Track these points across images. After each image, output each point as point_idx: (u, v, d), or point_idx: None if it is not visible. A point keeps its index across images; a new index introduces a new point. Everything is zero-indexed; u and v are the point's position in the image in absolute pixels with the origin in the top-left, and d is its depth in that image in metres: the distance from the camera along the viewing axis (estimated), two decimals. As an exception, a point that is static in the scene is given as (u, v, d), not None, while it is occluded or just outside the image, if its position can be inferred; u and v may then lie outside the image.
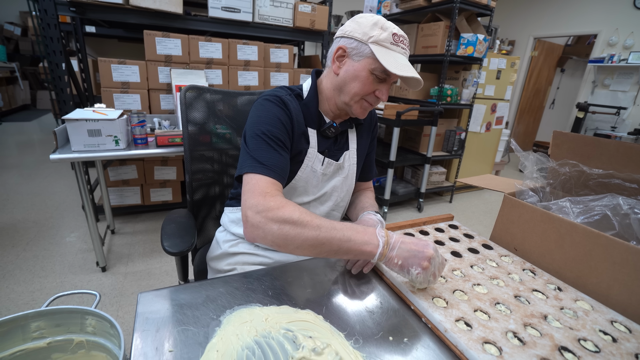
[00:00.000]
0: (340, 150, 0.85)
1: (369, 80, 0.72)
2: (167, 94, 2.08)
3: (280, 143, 0.71)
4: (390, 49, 0.70)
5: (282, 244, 0.60)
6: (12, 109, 5.49)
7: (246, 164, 0.68)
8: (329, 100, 0.80)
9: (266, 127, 0.71)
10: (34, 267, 1.75)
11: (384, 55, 0.69)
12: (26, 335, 0.51)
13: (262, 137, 0.70)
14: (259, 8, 2.15)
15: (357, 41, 0.71)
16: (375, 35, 0.70)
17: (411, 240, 0.60)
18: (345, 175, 0.86)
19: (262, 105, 0.74)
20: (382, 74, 0.71)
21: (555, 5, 4.98)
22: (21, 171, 3.07)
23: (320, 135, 0.81)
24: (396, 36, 0.71)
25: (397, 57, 0.70)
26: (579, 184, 0.78)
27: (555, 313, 0.57)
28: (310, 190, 0.82)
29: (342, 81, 0.75)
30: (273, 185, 0.66)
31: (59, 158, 1.39)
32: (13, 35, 5.74)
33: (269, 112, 0.73)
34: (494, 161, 3.58)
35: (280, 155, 0.70)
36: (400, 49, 0.72)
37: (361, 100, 0.75)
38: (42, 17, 1.68)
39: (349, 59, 0.73)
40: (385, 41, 0.70)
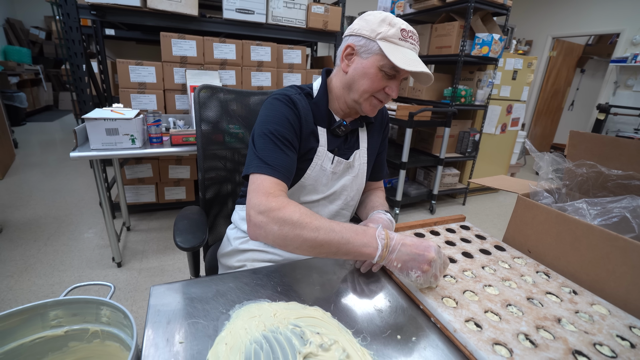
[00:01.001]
0: (351, 149, 0.85)
1: (378, 77, 0.72)
2: (182, 94, 2.12)
3: (287, 143, 0.72)
4: (398, 44, 0.70)
5: (282, 244, 0.61)
6: (36, 109, 5.71)
7: (253, 164, 0.69)
8: (338, 99, 0.81)
9: (274, 127, 0.71)
10: (54, 261, 1.81)
11: (392, 51, 0.68)
12: (45, 323, 0.53)
13: (270, 137, 0.70)
14: (272, 9, 2.18)
15: (365, 38, 0.71)
16: (383, 32, 0.69)
17: (412, 242, 0.59)
18: (355, 174, 0.86)
19: (272, 105, 0.75)
20: (391, 70, 0.71)
21: (575, 4, 4.84)
22: (43, 169, 3.19)
23: (330, 134, 0.82)
24: (405, 31, 0.70)
25: (406, 53, 0.70)
26: (597, 185, 0.75)
27: (569, 316, 0.55)
28: (319, 188, 0.83)
29: (351, 79, 0.75)
30: (277, 185, 0.66)
31: (79, 156, 1.44)
32: (38, 39, 5.98)
33: (278, 112, 0.73)
34: (509, 163, 3.50)
35: (287, 155, 0.71)
36: (409, 44, 0.71)
37: (370, 98, 0.75)
38: (65, 20, 1.75)
39: (357, 57, 0.73)
40: (393, 37, 0.69)
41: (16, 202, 2.44)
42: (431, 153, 2.92)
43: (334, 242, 0.59)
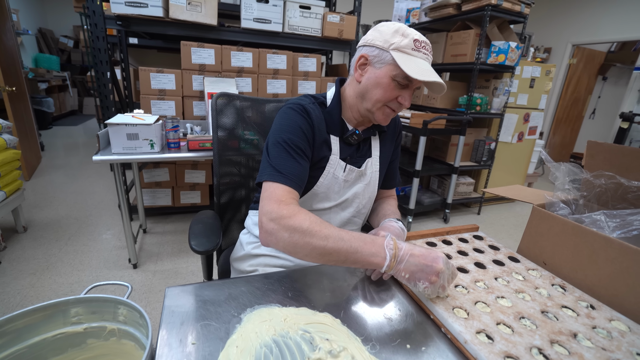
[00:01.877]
0: (363, 157, 0.86)
1: (391, 86, 0.73)
2: (199, 101, 2.19)
3: (300, 152, 0.73)
4: (411, 54, 0.71)
5: (292, 251, 0.62)
6: (62, 114, 5.98)
7: (266, 172, 0.71)
8: (352, 108, 0.82)
9: (287, 136, 0.73)
10: (74, 260, 1.87)
11: (405, 61, 0.69)
12: (66, 320, 0.55)
13: (283, 145, 0.72)
14: (289, 19, 2.22)
15: (378, 49, 0.72)
16: (396, 42, 0.70)
17: (421, 253, 0.59)
18: (367, 182, 0.87)
19: (286, 114, 0.77)
20: (403, 80, 0.72)
21: (596, 10, 4.73)
22: (67, 171, 3.33)
23: (343, 143, 0.83)
24: (417, 42, 0.71)
25: (419, 63, 0.71)
26: (616, 197, 0.73)
27: (586, 332, 0.54)
28: (331, 196, 0.83)
29: (364, 88, 0.76)
30: (289, 193, 0.68)
31: (101, 159, 1.50)
32: (66, 47, 6.28)
33: (292, 121, 0.75)
34: (526, 173, 3.41)
35: (299, 163, 0.72)
36: (422, 54, 0.72)
37: (383, 107, 0.76)
38: (93, 30, 1.84)
39: (370, 67, 0.75)
40: (406, 47, 0.70)
41: (41, 203, 2.55)
42: (445, 161, 2.89)
43: (343, 250, 0.59)
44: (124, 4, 1.83)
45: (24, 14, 5.39)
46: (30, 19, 5.69)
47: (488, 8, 2.31)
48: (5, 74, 2.64)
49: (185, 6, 1.93)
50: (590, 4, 4.80)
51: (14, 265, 1.78)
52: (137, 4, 1.84)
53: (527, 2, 2.46)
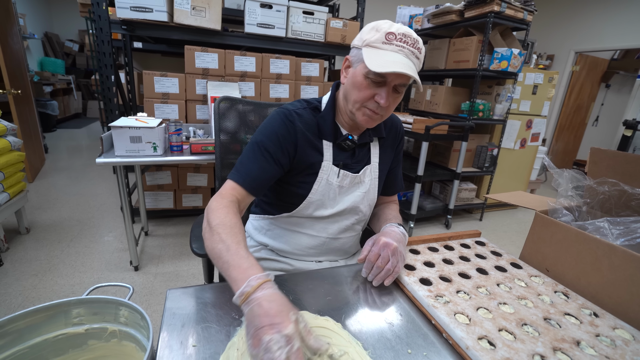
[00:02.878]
0: (359, 163, 0.84)
1: (364, 84, 0.70)
2: (202, 105, 2.20)
3: (267, 155, 0.74)
4: (381, 48, 0.67)
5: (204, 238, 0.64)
6: (66, 116, 6.02)
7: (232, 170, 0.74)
8: (343, 112, 0.80)
9: (261, 138, 0.75)
10: (76, 262, 1.88)
11: (372, 56, 0.67)
12: (68, 321, 0.55)
13: (253, 146, 0.75)
14: (292, 24, 2.24)
15: (356, 49, 0.72)
16: (368, 38, 0.69)
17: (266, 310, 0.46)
18: (365, 190, 0.85)
19: (271, 117, 0.78)
20: (375, 76, 0.68)
21: (600, 18, 4.75)
22: (70, 173, 3.35)
23: (337, 148, 0.81)
24: (391, 34, 0.67)
25: (388, 56, 0.66)
26: (620, 204, 0.73)
27: (589, 340, 0.53)
28: (327, 203, 0.82)
29: (346, 90, 0.76)
30: (233, 190, 0.71)
31: (104, 162, 1.51)
32: (72, 51, 6.35)
33: (271, 125, 0.76)
34: (528, 179, 3.40)
35: (260, 166, 0.73)
36: (394, 47, 0.67)
37: (362, 108, 0.73)
38: (98, 34, 1.86)
39: (351, 68, 0.74)
40: (376, 42, 0.67)
41: (44, 204, 2.56)
42: (447, 167, 2.88)
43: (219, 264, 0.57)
44: (129, 9, 1.85)
45: (31, 18, 5.46)
46: (36, 23, 5.77)
47: (491, 15, 2.33)
48: (11, 77, 2.67)
49: (190, 11, 1.95)
50: (593, 12, 4.82)
51: (17, 266, 1.79)
52: (142, 9, 1.87)
53: (529, 9, 2.48)
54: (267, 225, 0.90)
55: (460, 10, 2.56)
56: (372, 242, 0.71)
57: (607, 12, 4.65)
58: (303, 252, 0.87)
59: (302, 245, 0.86)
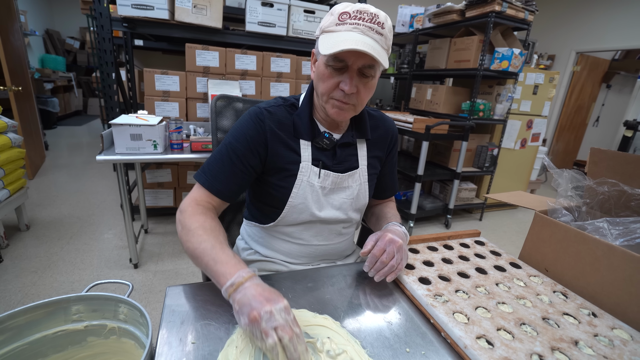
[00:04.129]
0: (342, 164, 0.78)
1: (327, 74, 0.65)
2: (203, 103, 2.20)
3: (237, 159, 0.71)
4: (334, 31, 0.62)
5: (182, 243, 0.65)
6: (67, 114, 6.02)
7: (200, 169, 0.73)
8: (318, 109, 0.75)
9: (230, 140, 0.72)
10: (75, 259, 1.88)
11: (325, 41, 0.62)
12: (67, 317, 0.55)
13: (223, 149, 0.72)
14: (293, 23, 2.24)
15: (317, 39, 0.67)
16: (323, 25, 0.65)
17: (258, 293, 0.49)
18: (352, 195, 0.80)
19: (242, 117, 0.75)
20: (335, 62, 0.63)
21: (601, 19, 4.74)
22: (70, 171, 3.35)
23: (315, 148, 0.76)
24: (344, 14, 0.61)
25: (340, 36, 0.61)
26: (619, 205, 0.73)
27: (587, 339, 0.53)
28: (311, 205, 0.76)
29: (315, 84, 0.71)
30: (208, 197, 0.70)
31: (104, 159, 1.51)
32: (73, 48, 6.35)
33: (240, 126, 0.73)
34: (529, 179, 3.40)
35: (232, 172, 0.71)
36: (347, 26, 0.61)
37: (330, 100, 0.68)
38: (99, 32, 1.86)
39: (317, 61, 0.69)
40: (330, 26, 0.63)
41: (44, 201, 2.56)
42: (448, 167, 2.88)
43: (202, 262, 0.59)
44: (130, 7, 1.85)
45: (32, 15, 5.45)
46: (37, 20, 5.76)
47: (492, 15, 2.32)
48: (12, 74, 2.67)
49: (191, 9, 1.95)
50: (594, 12, 4.81)
51: (16, 263, 1.79)
52: (143, 7, 1.87)
53: (531, 9, 2.47)
54: (258, 232, 0.87)
55: (461, 10, 2.55)
56: (376, 238, 0.69)
57: (609, 13, 4.64)
58: (296, 259, 0.85)
59: (294, 253, 0.84)
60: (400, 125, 2.67)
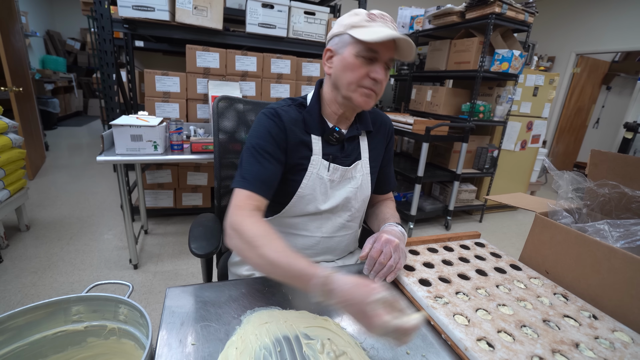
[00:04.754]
0: (348, 157, 0.84)
1: (357, 64, 0.71)
2: (203, 104, 2.20)
3: (268, 155, 0.74)
4: (366, 26, 0.70)
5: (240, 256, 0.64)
6: (67, 114, 6.02)
7: (235, 179, 0.74)
8: (330, 104, 0.80)
9: (256, 141, 0.75)
10: (75, 260, 1.88)
11: (362, 33, 0.69)
12: (67, 318, 0.55)
13: (251, 151, 0.74)
14: (293, 24, 2.24)
15: (337, 36, 0.73)
16: (349, 22, 0.71)
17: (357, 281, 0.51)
18: (357, 185, 0.84)
19: (258, 120, 0.79)
20: (368, 53, 0.69)
21: (601, 20, 4.75)
22: (70, 171, 3.35)
23: (325, 142, 0.81)
24: (371, 14, 0.70)
25: (376, 29, 0.69)
26: (620, 207, 0.73)
27: (588, 342, 0.53)
28: (318, 197, 0.81)
29: (335, 77, 0.75)
30: (249, 198, 0.70)
31: (105, 160, 1.51)
32: (73, 49, 6.36)
33: (261, 126, 0.77)
34: (528, 181, 3.40)
35: (265, 167, 0.73)
36: (379, 22, 0.70)
37: (359, 88, 0.73)
38: (100, 33, 1.86)
39: (336, 56, 0.75)
40: (360, 22, 0.70)
41: (44, 202, 2.56)
42: (447, 168, 2.88)
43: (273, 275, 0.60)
44: (131, 8, 1.85)
45: (33, 16, 5.47)
46: (38, 21, 5.77)
47: (492, 16, 2.33)
48: (13, 75, 2.67)
49: (192, 10, 1.95)
50: (594, 14, 4.82)
51: (16, 263, 1.79)
52: (144, 8, 1.87)
53: (531, 11, 2.48)
54: None
55: (461, 12, 2.56)
56: (373, 240, 0.71)
57: (608, 14, 4.65)
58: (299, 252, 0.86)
59: (297, 247, 0.85)
60: (401, 127, 2.68)
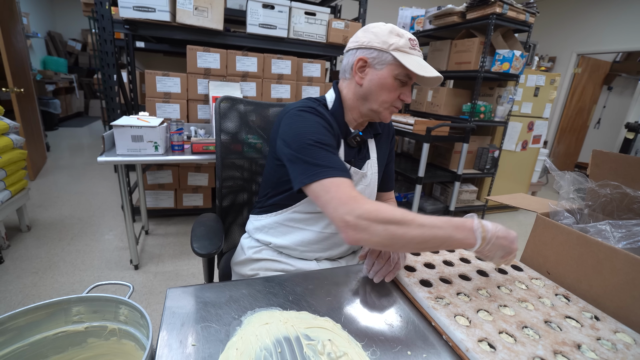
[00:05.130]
0: (363, 159, 0.87)
1: (394, 85, 0.75)
2: (204, 104, 2.20)
3: (333, 149, 0.71)
4: (409, 53, 0.73)
5: (388, 244, 0.60)
6: (68, 115, 6.04)
7: (313, 171, 0.66)
8: (352, 110, 0.82)
9: (316, 137, 0.70)
10: (76, 260, 1.88)
11: (408, 61, 0.71)
12: (68, 319, 0.55)
13: (317, 146, 0.69)
14: (294, 25, 2.25)
15: (377, 50, 0.73)
16: (394, 43, 0.72)
17: (504, 235, 0.62)
18: (367, 183, 0.87)
19: (301, 117, 0.74)
20: (405, 77, 0.74)
21: (601, 20, 4.74)
22: (71, 172, 3.35)
23: (347, 145, 0.83)
24: (412, 41, 0.74)
25: (418, 60, 0.74)
26: (622, 207, 0.73)
27: (590, 343, 0.53)
28: None
29: (367, 90, 0.76)
30: (351, 186, 0.64)
31: (106, 160, 1.51)
32: (74, 50, 6.37)
33: (312, 122, 0.73)
34: (530, 182, 3.40)
35: (338, 157, 0.71)
36: (417, 51, 0.75)
37: (390, 107, 0.78)
38: (101, 34, 1.86)
39: (370, 69, 0.75)
40: (404, 47, 0.73)
41: (45, 202, 2.56)
42: (448, 169, 2.88)
43: (439, 237, 0.59)
44: (132, 9, 1.86)
45: (34, 17, 5.48)
46: (40, 22, 5.78)
47: (493, 17, 2.33)
48: (14, 76, 2.68)
49: (192, 11, 1.96)
50: (595, 14, 4.82)
51: (17, 263, 1.79)
52: (144, 9, 1.87)
53: (531, 11, 2.48)
54: (270, 224, 0.89)
55: (462, 12, 2.56)
56: None
57: (609, 14, 4.64)
58: (306, 247, 0.87)
59: (306, 241, 0.86)
60: (401, 127, 2.67)
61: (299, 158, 0.69)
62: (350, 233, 0.60)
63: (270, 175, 0.87)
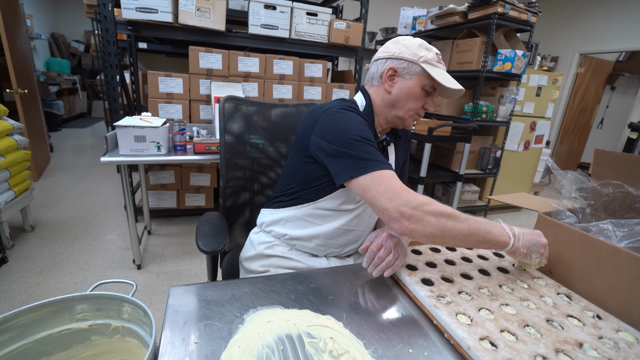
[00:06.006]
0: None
1: (421, 95, 0.80)
2: (206, 105, 2.21)
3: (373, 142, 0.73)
4: (437, 66, 0.79)
5: (439, 235, 0.62)
6: (71, 116, 6.07)
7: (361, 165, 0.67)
8: (379, 115, 0.86)
9: (362, 133, 0.71)
10: (79, 260, 1.89)
11: (437, 73, 0.77)
12: (72, 316, 0.56)
13: (363, 141, 0.70)
14: (295, 25, 2.25)
15: (407, 61, 0.78)
16: (424, 56, 0.78)
17: (527, 231, 0.68)
18: None
19: (344, 114, 0.75)
20: (430, 88, 0.80)
21: (604, 20, 4.72)
22: (74, 172, 3.37)
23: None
24: (438, 55, 0.80)
25: (443, 73, 0.80)
26: (624, 206, 0.73)
27: (592, 342, 0.53)
28: (357, 197, 0.85)
29: (395, 98, 0.81)
30: (400, 180, 0.67)
31: (108, 160, 1.52)
32: (77, 52, 6.41)
33: (357, 119, 0.75)
34: (532, 182, 3.38)
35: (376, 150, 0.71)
36: (442, 65, 0.81)
37: (414, 115, 0.83)
38: (103, 35, 1.88)
39: (400, 78, 0.80)
40: (432, 60, 0.78)
41: (48, 203, 2.58)
42: (450, 169, 2.88)
43: (481, 231, 0.64)
44: (134, 10, 1.87)
45: (38, 19, 5.51)
46: (43, 24, 5.82)
47: (494, 16, 2.32)
48: (18, 77, 2.70)
49: (194, 12, 1.97)
50: (597, 13, 4.80)
51: (21, 263, 1.81)
52: (147, 10, 1.88)
53: (533, 11, 2.47)
54: (288, 217, 0.89)
55: (463, 12, 2.56)
56: (375, 234, 0.72)
57: (612, 14, 4.63)
58: (321, 242, 0.88)
59: (322, 235, 0.87)
60: (403, 127, 2.67)
61: (343, 153, 0.70)
62: (405, 223, 0.62)
63: (297, 172, 0.86)
